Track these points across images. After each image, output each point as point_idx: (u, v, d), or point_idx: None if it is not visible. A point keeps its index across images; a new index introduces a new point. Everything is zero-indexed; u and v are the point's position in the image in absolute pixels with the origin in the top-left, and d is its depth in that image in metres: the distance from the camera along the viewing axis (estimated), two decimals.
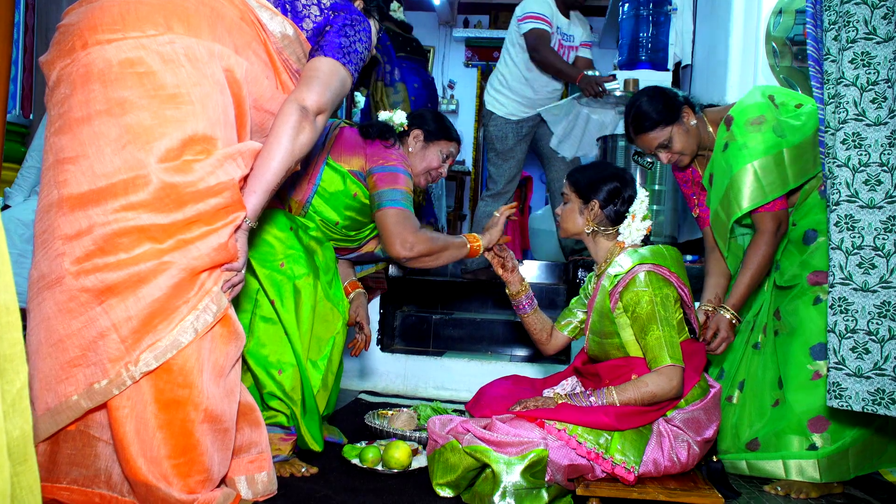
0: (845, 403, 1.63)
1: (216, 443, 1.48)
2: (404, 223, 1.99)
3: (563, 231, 2.04)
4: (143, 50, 1.40)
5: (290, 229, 1.98)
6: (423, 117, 2.26)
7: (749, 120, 2.04)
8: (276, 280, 1.90)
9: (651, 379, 1.71)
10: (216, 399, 1.45)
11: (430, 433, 1.82)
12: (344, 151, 2.09)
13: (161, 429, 1.39)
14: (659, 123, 2.09)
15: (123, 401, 1.38)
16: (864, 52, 1.60)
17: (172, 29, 1.43)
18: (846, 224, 1.63)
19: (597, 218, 1.92)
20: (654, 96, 2.12)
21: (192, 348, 1.41)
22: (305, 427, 1.90)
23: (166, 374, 1.39)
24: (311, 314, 1.94)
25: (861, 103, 1.61)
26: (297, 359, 1.90)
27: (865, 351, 1.61)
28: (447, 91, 7.01)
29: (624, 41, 3.98)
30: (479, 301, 3.80)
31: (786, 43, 2.88)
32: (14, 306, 0.89)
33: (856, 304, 1.62)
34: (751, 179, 2.00)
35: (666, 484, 1.68)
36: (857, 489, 2.05)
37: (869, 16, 1.59)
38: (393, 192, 2.02)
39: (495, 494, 1.63)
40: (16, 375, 0.87)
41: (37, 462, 0.92)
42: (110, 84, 1.38)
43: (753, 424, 2.09)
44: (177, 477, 1.41)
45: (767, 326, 2.18)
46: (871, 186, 1.61)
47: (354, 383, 3.25)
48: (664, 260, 1.83)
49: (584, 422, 1.68)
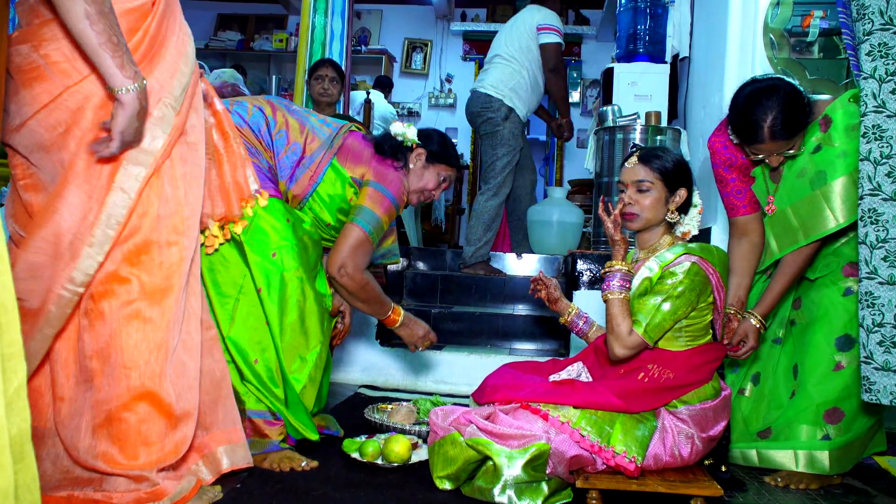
0: (874, 397, 1.63)
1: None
2: (358, 252, 2.07)
3: (643, 222, 1.86)
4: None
5: (288, 221, 1.98)
6: (430, 137, 2.28)
7: (851, 125, 1.85)
8: (266, 269, 1.91)
9: (625, 328, 1.75)
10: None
11: (432, 425, 1.83)
12: (351, 158, 2.11)
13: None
14: (802, 129, 1.90)
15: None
16: (881, 43, 1.59)
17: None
18: (870, 218, 1.62)
19: (679, 206, 1.87)
20: (796, 99, 1.87)
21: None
22: (292, 417, 1.91)
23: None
24: (296, 307, 1.94)
25: (880, 95, 1.60)
26: (276, 350, 1.91)
27: (893, 345, 1.60)
28: (445, 85, 7.00)
29: (622, 34, 3.98)
30: (478, 295, 3.80)
31: (783, 34, 2.87)
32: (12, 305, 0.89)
33: (882, 298, 1.61)
34: (849, 192, 1.83)
35: (665, 476, 1.69)
36: (854, 479, 2.05)
37: (884, 6, 1.58)
38: (371, 215, 2.07)
39: (495, 487, 1.64)
40: (14, 374, 0.87)
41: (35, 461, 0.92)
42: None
43: (768, 415, 2.09)
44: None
45: (787, 320, 2.16)
46: (893, 179, 1.59)
47: (354, 377, 3.25)
48: (711, 256, 1.82)
49: (591, 402, 1.68)
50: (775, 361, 2.14)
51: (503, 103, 3.79)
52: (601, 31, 6.22)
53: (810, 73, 2.85)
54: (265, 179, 2.00)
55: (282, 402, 1.90)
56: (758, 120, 1.86)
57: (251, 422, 1.89)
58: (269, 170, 2.03)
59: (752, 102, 1.87)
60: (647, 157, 1.86)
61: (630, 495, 1.76)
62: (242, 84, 4.34)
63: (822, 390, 1.95)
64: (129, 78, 1.33)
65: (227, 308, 1.89)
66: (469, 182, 6.80)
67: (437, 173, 2.26)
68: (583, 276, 3.20)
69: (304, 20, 4.18)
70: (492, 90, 3.81)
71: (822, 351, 1.97)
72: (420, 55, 7.01)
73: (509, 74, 3.83)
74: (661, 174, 1.85)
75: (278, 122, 2.07)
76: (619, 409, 1.69)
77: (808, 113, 1.90)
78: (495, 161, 3.82)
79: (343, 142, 2.12)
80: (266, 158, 2.03)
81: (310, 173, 2.05)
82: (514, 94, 3.81)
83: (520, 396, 1.77)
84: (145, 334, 1.45)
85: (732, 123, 1.96)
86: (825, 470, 1.92)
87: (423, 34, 7.03)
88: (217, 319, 1.88)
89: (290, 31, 6.77)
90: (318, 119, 2.17)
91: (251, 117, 2.04)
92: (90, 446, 1.42)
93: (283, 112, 2.10)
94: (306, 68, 4.06)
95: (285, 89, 6.30)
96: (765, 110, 1.85)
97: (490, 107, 3.80)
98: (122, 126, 1.35)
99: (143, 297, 1.46)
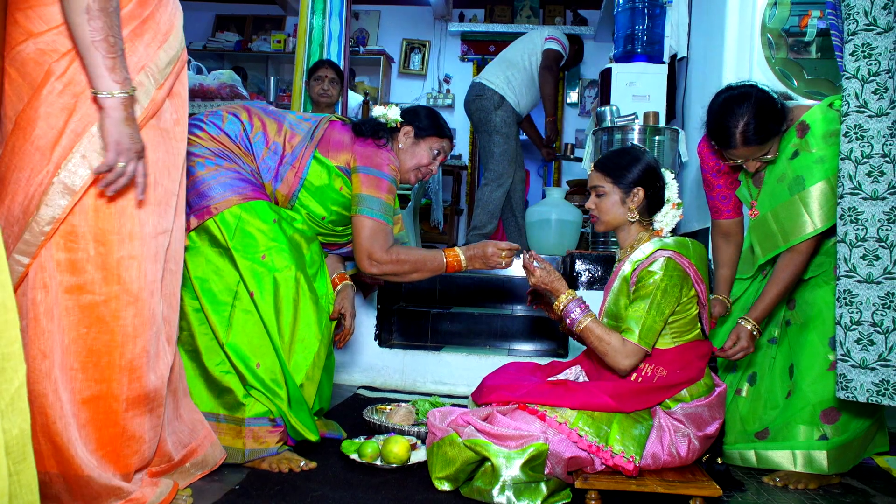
0: (851, 395, 1.64)
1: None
2: (376, 237, 2.05)
3: (604, 225, 1.93)
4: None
5: (274, 221, 1.97)
6: (416, 113, 2.26)
7: (829, 132, 1.89)
8: (256, 272, 1.90)
9: (617, 344, 1.74)
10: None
11: (430, 426, 1.83)
12: (332, 147, 2.10)
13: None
14: (775, 135, 1.94)
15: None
16: (864, 44, 1.60)
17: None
18: (850, 217, 1.63)
19: (639, 205, 1.88)
20: (768, 106, 1.92)
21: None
22: (294, 417, 1.91)
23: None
24: (292, 307, 1.93)
25: (863, 95, 1.61)
26: (276, 351, 1.90)
27: (870, 342, 1.61)
28: (443, 86, 6.99)
29: (619, 34, 3.98)
30: (477, 295, 3.80)
31: (781, 34, 2.88)
32: (11, 304, 0.88)
33: (860, 297, 1.62)
34: (827, 197, 1.86)
35: (664, 476, 1.69)
36: (853, 479, 2.06)
37: (869, 7, 1.59)
38: (373, 201, 2.05)
39: (494, 488, 1.64)
40: (14, 374, 0.87)
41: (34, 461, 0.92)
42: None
43: (765, 415, 2.09)
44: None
45: (782, 320, 2.16)
46: (874, 178, 1.60)
47: (353, 378, 3.25)
48: (686, 250, 1.82)
49: (585, 404, 1.69)
50: (771, 362, 2.15)
51: (495, 92, 4.05)
52: (599, 32, 6.22)
53: (808, 73, 2.85)
54: (247, 183, 1.99)
55: (285, 403, 1.90)
56: (730, 126, 1.92)
57: (250, 430, 1.89)
58: (252, 173, 2.03)
59: (725, 110, 1.94)
60: (601, 163, 1.94)
61: (629, 495, 1.76)
62: (241, 85, 4.33)
63: (817, 390, 1.96)
64: (118, 83, 1.28)
65: (224, 315, 1.88)
66: (467, 182, 6.80)
67: (428, 147, 2.24)
68: (581, 276, 3.20)
69: (302, 21, 4.18)
70: (486, 80, 4.10)
71: (817, 351, 1.98)
72: (418, 56, 7.01)
73: (506, 67, 4.12)
74: (612, 178, 1.90)
75: (255, 125, 2.07)
76: (613, 410, 1.70)
77: (782, 119, 1.94)
78: (493, 148, 4.05)
79: (323, 133, 2.12)
80: (247, 162, 2.03)
81: (294, 170, 2.05)
82: (507, 85, 4.06)
83: (516, 397, 1.78)
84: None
85: (708, 130, 2.02)
86: (823, 470, 1.92)
87: (421, 35, 7.02)
88: (213, 328, 1.87)
89: (289, 32, 6.76)
90: (297, 116, 2.18)
91: (226, 124, 2.05)
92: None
93: (258, 115, 2.10)
94: (304, 69, 4.06)
95: (283, 90, 6.29)
96: (736, 117, 1.91)
97: (483, 95, 4.07)
98: (113, 135, 1.29)
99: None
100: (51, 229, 1.31)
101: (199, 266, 1.91)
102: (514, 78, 4.08)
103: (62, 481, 1.36)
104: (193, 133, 2.00)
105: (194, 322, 1.90)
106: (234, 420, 1.89)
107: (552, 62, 4.13)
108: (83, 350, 1.38)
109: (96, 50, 1.25)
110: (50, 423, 1.34)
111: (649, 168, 1.89)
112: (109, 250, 1.39)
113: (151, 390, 1.49)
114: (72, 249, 1.35)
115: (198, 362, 1.91)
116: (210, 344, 1.90)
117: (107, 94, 1.27)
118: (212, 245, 1.92)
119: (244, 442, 1.88)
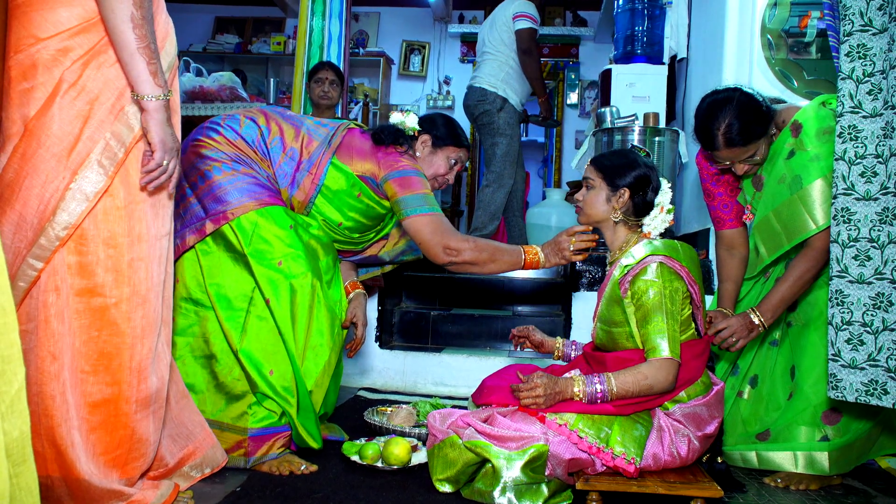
0: (840, 394, 1.64)
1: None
2: (438, 228, 2.02)
3: (586, 217, 1.95)
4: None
5: (290, 227, 1.96)
6: (433, 122, 2.24)
7: (822, 129, 1.90)
8: (272, 279, 1.88)
9: (649, 371, 1.70)
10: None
11: (430, 428, 1.82)
12: (354, 155, 2.08)
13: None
14: (758, 137, 1.95)
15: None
16: (860, 45, 1.60)
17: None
18: (842, 217, 1.64)
19: (624, 206, 1.89)
20: (750, 108, 1.94)
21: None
22: (301, 425, 1.90)
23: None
24: (307, 314, 1.92)
25: (857, 95, 1.61)
26: (291, 358, 1.89)
27: (860, 342, 1.61)
28: (443, 87, 7.00)
29: (619, 35, 3.98)
30: (477, 297, 3.80)
31: (781, 35, 2.88)
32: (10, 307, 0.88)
33: (851, 297, 1.62)
34: (826, 195, 1.85)
35: (665, 477, 1.68)
36: (854, 479, 2.05)
37: (864, 7, 1.59)
38: (415, 198, 2.03)
39: (495, 490, 1.64)
40: (14, 376, 0.87)
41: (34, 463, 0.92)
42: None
43: (766, 416, 2.08)
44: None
45: (783, 321, 2.15)
46: (867, 179, 1.61)
47: (354, 380, 3.25)
48: (676, 254, 1.81)
49: (583, 409, 1.68)
50: (773, 363, 2.14)
51: (497, 95, 4.02)
52: (599, 33, 6.22)
53: (808, 74, 2.85)
54: (264, 189, 1.97)
55: (294, 410, 1.89)
56: (712, 128, 1.95)
57: (252, 440, 1.88)
58: (268, 179, 2.01)
59: (708, 113, 1.97)
60: (598, 159, 1.96)
61: (630, 497, 1.76)
62: (241, 87, 4.33)
63: (818, 391, 1.95)
64: (160, 87, 1.34)
65: (239, 321, 1.87)
66: (467, 184, 6.80)
67: (446, 157, 2.23)
68: (582, 278, 3.20)
69: (301, 23, 4.18)
70: (486, 84, 4.05)
71: (818, 352, 1.97)
72: (418, 57, 7.01)
73: (498, 66, 4.06)
74: (603, 175, 1.91)
75: (272, 129, 2.05)
76: (611, 414, 1.69)
77: (766, 121, 1.95)
78: (495, 149, 4.04)
79: (341, 140, 2.10)
80: (263, 168, 2.01)
81: (311, 176, 2.04)
82: (506, 85, 4.03)
83: (516, 398, 1.77)
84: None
85: (695, 133, 2.04)
86: (825, 471, 1.92)
87: (420, 36, 7.02)
88: (227, 334, 1.86)
89: (288, 34, 6.76)
90: (315, 121, 2.15)
91: (244, 129, 2.03)
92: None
93: (276, 119, 2.09)
94: (304, 71, 4.07)
95: (283, 92, 6.29)
96: (719, 119, 1.94)
97: (485, 99, 4.03)
98: (159, 135, 1.35)
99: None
100: (66, 234, 1.34)
101: (215, 271, 1.89)
102: (508, 75, 4.05)
103: (63, 485, 1.37)
104: (210, 137, 2.00)
105: (209, 328, 1.88)
106: (237, 430, 1.88)
107: (528, 42, 3.98)
108: (94, 353, 1.40)
109: (141, 57, 1.31)
110: (54, 426, 1.34)
111: (642, 174, 1.89)
112: (120, 253, 1.41)
113: (154, 392, 1.50)
114: (82, 253, 1.38)
115: (209, 369, 1.90)
116: (223, 349, 1.88)
117: (152, 97, 1.34)
118: (227, 251, 1.90)
119: (246, 451, 1.87)
